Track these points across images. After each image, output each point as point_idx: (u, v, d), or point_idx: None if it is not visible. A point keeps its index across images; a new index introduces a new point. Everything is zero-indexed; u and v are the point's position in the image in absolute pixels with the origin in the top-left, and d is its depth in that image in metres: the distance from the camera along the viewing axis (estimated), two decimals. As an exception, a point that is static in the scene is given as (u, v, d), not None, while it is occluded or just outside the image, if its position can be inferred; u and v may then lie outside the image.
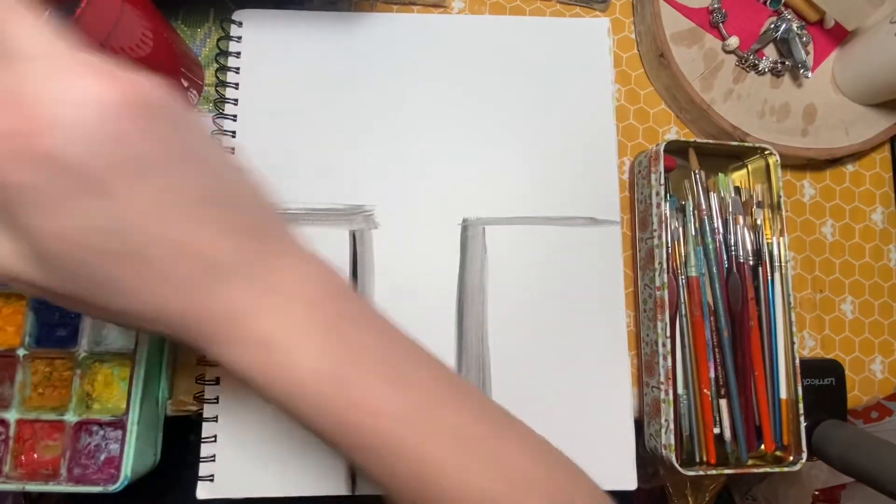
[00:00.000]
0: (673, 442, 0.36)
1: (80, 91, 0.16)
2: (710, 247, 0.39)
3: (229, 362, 0.21)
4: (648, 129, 0.45)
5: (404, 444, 0.21)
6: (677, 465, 0.35)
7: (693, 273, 0.39)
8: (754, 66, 0.43)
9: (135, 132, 0.17)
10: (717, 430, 0.38)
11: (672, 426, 0.36)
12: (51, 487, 0.33)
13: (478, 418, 0.23)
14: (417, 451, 0.21)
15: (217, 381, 0.37)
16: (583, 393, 0.39)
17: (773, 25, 0.43)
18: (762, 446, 0.38)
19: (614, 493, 0.38)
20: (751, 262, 0.39)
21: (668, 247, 0.38)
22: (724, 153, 0.42)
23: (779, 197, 0.40)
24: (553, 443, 0.38)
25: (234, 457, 0.36)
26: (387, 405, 0.21)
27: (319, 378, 0.20)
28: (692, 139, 0.41)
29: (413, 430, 0.21)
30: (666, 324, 0.37)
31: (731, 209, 0.40)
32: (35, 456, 0.34)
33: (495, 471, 0.22)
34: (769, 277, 0.39)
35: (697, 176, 0.40)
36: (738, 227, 0.40)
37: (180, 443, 0.39)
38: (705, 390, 0.38)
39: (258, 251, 0.21)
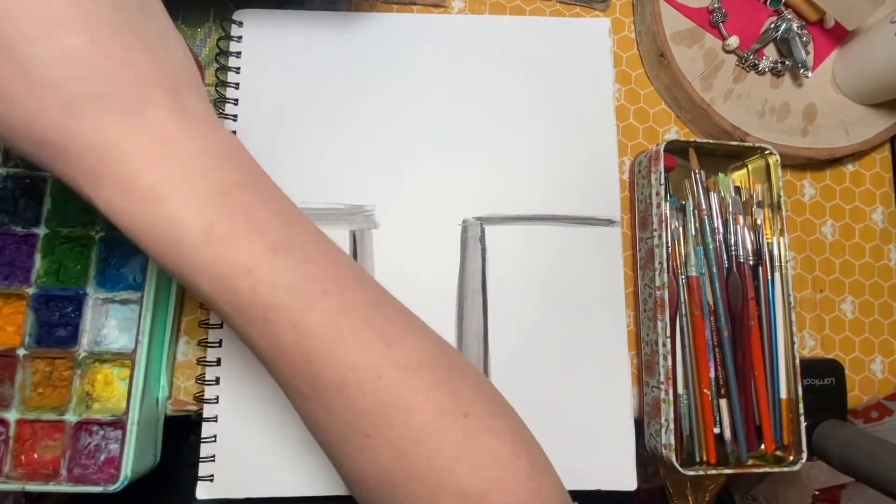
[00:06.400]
0: (673, 442, 0.36)
1: None
2: (710, 247, 0.39)
3: (111, 209, 0.20)
4: (648, 129, 0.45)
5: (283, 307, 0.20)
6: (677, 465, 0.35)
7: (693, 273, 0.39)
8: (754, 66, 0.43)
9: None
10: (717, 430, 0.38)
11: (672, 426, 0.36)
12: (51, 487, 0.33)
13: (369, 303, 0.22)
14: (296, 318, 0.21)
15: (217, 381, 0.37)
16: (583, 393, 0.39)
17: (773, 25, 0.43)
18: (762, 446, 0.38)
19: (614, 494, 0.38)
20: (751, 262, 0.39)
21: (668, 247, 0.38)
22: (724, 153, 0.42)
23: (779, 197, 0.40)
24: (554, 442, 0.38)
25: (234, 457, 0.36)
26: (266, 266, 0.20)
27: (203, 235, 0.20)
28: (692, 139, 0.41)
29: (294, 297, 0.21)
30: (666, 324, 0.37)
31: (731, 209, 0.40)
32: (35, 456, 0.34)
33: (384, 353, 0.21)
34: (769, 277, 0.39)
35: (697, 176, 0.40)
36: (738, 226, 0.40)
37: (180, 443, 0.39)
38: (705, 390, 0.38)
39: (165, 106, 0.20)
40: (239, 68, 0.41)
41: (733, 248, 0.39)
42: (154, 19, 0.22)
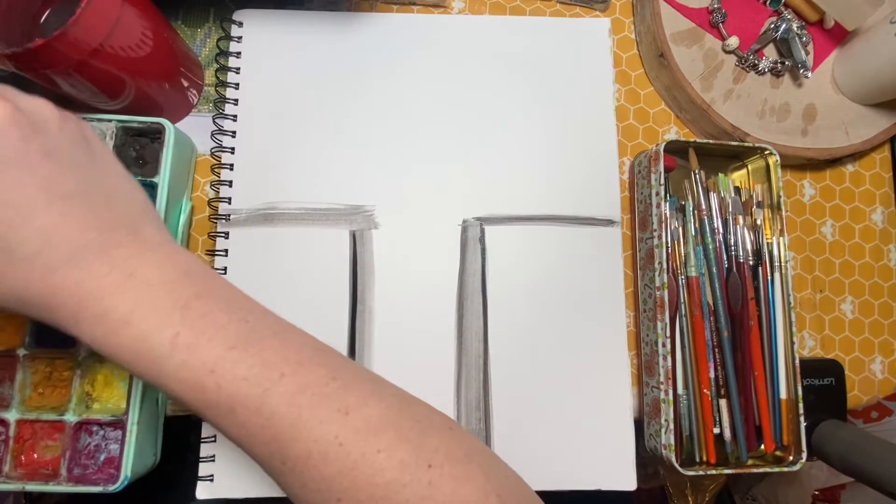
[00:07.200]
0: (673, 442, 0.36)
1: None
2: (710, 247, 0.39)
3: (93, 339, 0.23)
4: (648, 129, 0.45)
5: (245, 397, 0.23)
6: (677, 465, 0.35)
7: (693, 273, 0.39)
8: (754, 66, 0.43)
9: (12, 136, 0.22)
10: (717, 430, 0.38)
11: (672, 426, 0.36)
12: (51, 487, 0.33)
13: (326, 377, 0.24)
14: (258, 404, 0.23)
15: (217, 381, 0.37)
16: (583, 393, 0.39)
17: (772, 25, 0.43)
18: (762, 446, 0.38)
19: (614, 494, 0.38)
20: (751, 262, 0.39)
21: (668, 247, 0.38)
22: (724, 153, 0.42)
23: (779, 197, 0.40)
24: (554, 442, 0.38)
25: (234, 457, 0.36)
26: (225, 363, 0.23)
27: (169, 346, 0.23)
28: (692, 139, 0.41)
29: (253, 385, 0.23)
30: (666, 324, 0.37)
31: (731, 209, 0.40)
32: (35, 456, 0.34)
33: (343, 421, 0.23)
34: (769, 277, 0.39)
35: (697, 176, 0.40)
36: (738, 227, 0.40)
37: (180, 443, 0.39)
38: (705, 390, 0.38)
39: (127, 244, 0.24)
40: (239, 68, 0.41)
41: (733, 248, 0.39)
42: (108, 170, 0.26)
